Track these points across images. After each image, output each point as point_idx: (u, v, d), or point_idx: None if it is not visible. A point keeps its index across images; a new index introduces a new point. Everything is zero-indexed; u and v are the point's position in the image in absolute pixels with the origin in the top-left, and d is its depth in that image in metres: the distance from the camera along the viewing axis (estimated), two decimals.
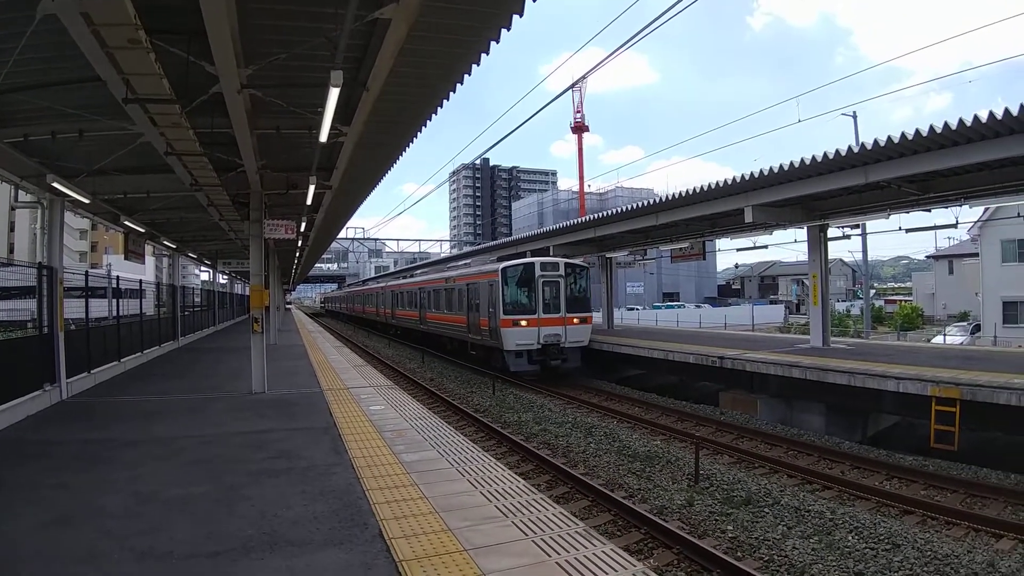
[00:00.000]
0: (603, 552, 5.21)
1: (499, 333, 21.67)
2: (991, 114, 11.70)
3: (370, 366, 19.85)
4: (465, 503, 6.40)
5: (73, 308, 14.04)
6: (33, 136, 10.36)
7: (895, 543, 7.99)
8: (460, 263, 32.92)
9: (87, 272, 16.10)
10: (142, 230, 19.30)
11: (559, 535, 5.55)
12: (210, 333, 34.46)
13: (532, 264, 22.41)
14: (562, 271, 22.54)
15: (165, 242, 24.53)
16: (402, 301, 40.40)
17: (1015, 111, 11.37)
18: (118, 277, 17.70)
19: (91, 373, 14.49)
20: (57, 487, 7.11)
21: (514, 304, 21.90)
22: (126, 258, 20.96)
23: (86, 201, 13.18)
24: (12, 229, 67.51)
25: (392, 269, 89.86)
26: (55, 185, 11.70)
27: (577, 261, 24.62)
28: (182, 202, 16.29)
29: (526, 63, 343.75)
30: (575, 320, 22.38)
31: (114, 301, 17.21)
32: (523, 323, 21.52)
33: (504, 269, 22.12)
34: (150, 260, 52.34)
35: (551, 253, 28.05)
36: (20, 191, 12.47)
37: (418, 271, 50.57)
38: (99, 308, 16.46)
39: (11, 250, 63.96)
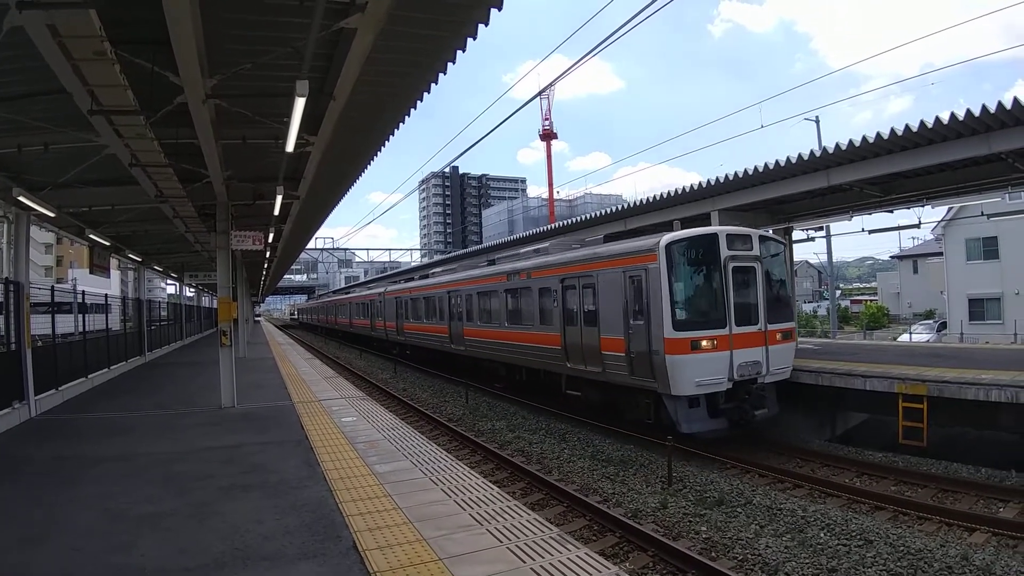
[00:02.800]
0: (578, 556, 5.23)
1: (661, 365, 12.27)
2: (952, 115, 11.98)
3: (341, 377, 19.74)
4: (439, 512, 6.39)
5: (39, 324, 13.82)
6: None
7: (867, 539, 8.09)
8: (523, 251, 21.27)
9: (53, 287, 15.83)
10: (107, 243, 18.99)
11: (534, 541, 5.56)
12: (177, 347, 33.98)
13: (713, 236, 12.97)
14: (756, 249, 13.36)
15: (130, 255, 24.14)
16: (416, 311, 29.35)
17: (977, 112, 11.65)
18: (84, 292, 17.43)
19: (59, 390, 14.28)
20: (28, 504, 7.03)
21: (692, 310, 12.82)
22: (91, 272, 20.66)
23: (52, 215, 12.95)
24: None
25: (364, 278, 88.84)
26: (21, 199, 11.49)
27: (769, 232, 15.61)
28: (147, 214, 16.07)
29: (490, 72, 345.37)
30: (778, 335, 13.40)
31: (80, 316, 16.95)
32: (705, 344, 12.28)
33: (670, 245, 12.53)
34: (115, 274, 51.52)
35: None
36: None
37: (436, 268, 36.80)
38: (65, 324, 16.21)
39: None
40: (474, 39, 7.93)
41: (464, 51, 8.29)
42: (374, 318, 38.50)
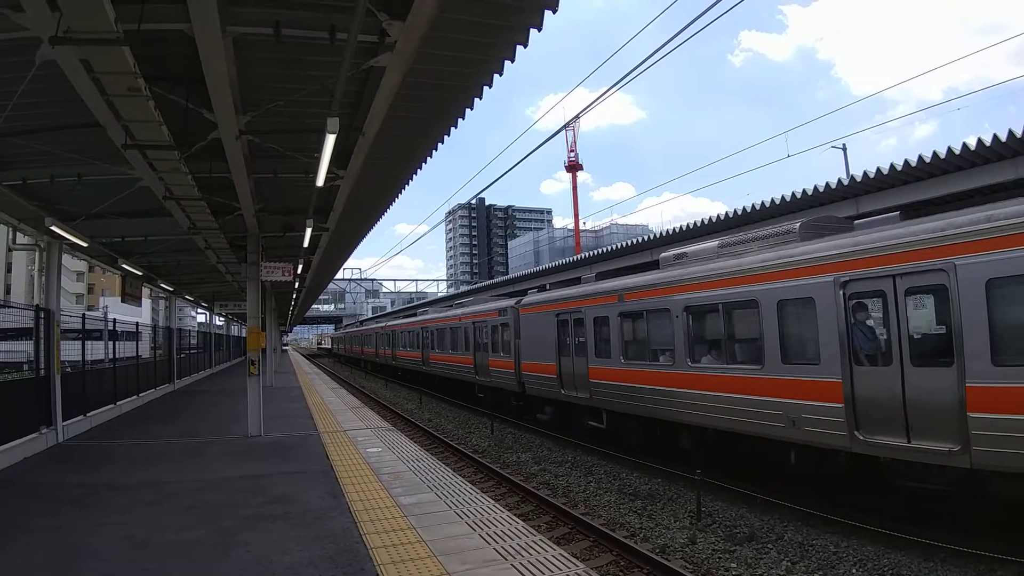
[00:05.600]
0: None
1: None
2: (980, 141, 11.86)
3: (367, 408, 19.79)
4: (464, 546, 6.34)
5: (69, 350, 14.04)
6: (32, 179, 10.47)
7: (900, 574, 7.90)
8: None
9: (84, 315, 16.11)
10: (139, 273, 19.34)
11: None
12: (206, 375, 34.32)
13: None
14: None
15: (162, 284, 24.55)
16: (645, 339, 13.24)
17: (1004, 137, 11.54)
18: (115, 320, 17.70)
19: (87, 416, 14.45)
20: (52, 530, 7.08)
21: None
22: (123, 301, 20.99)
23: (84, 244, 13.25)
24: (9, 271, 67.48)
25: (391, 308, 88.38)
26: (53, 228, 11.77)
27: None
28: (179, 245, 16.36)
29: (513, 106, 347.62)
30: None
31: (110, 344, 17.20)
32: None
33: None
34: (146, 302, 52.26)
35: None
36: (18, 233, 12.57)
37: (669, 249, 14.88)
38: (95, 351, 16.45)
39: (7, 292, 63.83)
40: (500, 75, 8.05)
41: (490, 86, 8.40)
42: (484, 353, 22.18)
